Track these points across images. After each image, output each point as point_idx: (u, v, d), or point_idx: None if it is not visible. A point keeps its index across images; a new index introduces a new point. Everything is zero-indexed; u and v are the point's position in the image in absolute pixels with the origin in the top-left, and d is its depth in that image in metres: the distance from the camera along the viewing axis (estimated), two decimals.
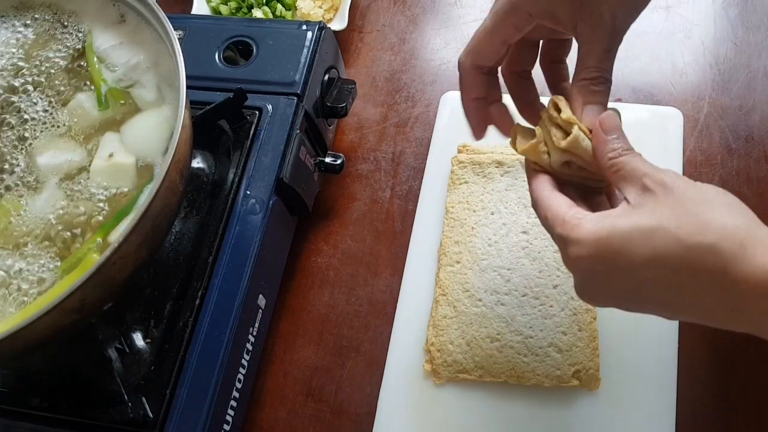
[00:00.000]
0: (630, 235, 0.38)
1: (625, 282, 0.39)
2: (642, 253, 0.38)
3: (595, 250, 0.39)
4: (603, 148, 0.43)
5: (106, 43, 0.59)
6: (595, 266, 0.40)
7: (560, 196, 0.44)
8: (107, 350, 0.56)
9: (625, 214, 0.40)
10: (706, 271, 0.36)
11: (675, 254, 0.37)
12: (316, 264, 0.71)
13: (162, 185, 0.47)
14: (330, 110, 0.71)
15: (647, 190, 0.40)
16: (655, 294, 0.39)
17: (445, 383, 0.60)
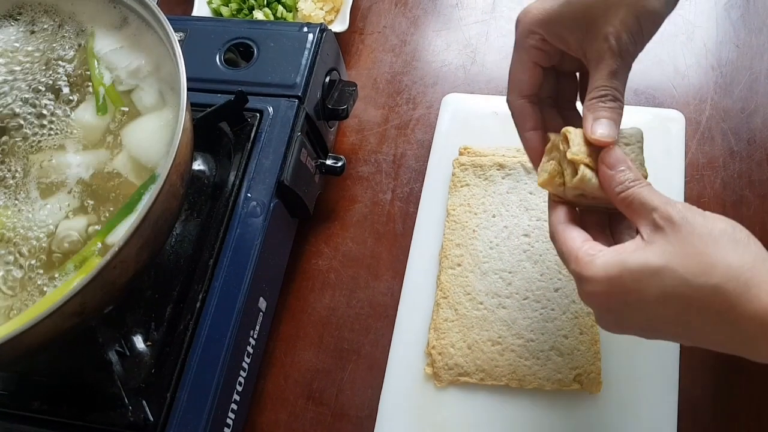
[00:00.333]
0: (640, 275, 0.40)
1: (637, 316, 0.41)
2: (651, 292, 0.39)
3: (607, 288, 0.41)
4: (610, 184, 0.44)
5: (107, 47, 0.59)
6: (608, 302, 0.42)
7: (574, 230, 0.45)
8: (107, 353, 0.55)
9: (637, 251, 0.41)
10: (713, 310, 0.38)
11: (682, 294, 0.39)
12: (317, 266, 0.71)
13: (163, 189, 0.47)
14: (331, 112, 0.71)
15: (657, 227, 0.41)
16: (666, 328, 0.41)
17: (446, 386, 0.60)
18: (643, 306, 0.40)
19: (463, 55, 0.81)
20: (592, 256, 0.42)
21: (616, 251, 0.42)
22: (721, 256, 0.38)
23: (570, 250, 0.44)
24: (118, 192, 0.53)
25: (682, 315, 0.39)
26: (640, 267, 0.40)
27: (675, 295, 0.39)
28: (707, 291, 0.38)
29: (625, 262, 0.40)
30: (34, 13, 0.62)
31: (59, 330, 0.46)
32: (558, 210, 0.47)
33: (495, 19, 0.83)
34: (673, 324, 0.40)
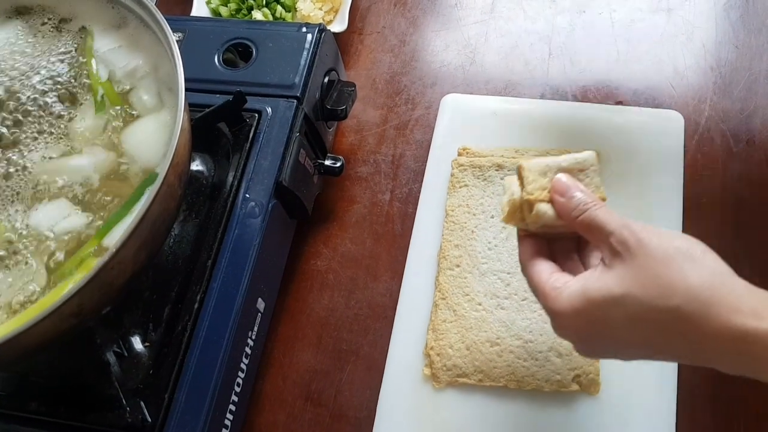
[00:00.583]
0: (603, 304, 0.41)
1: (608, 343, 0.43)
2: (617, 320, 0.41)
3: (575, 320, 0.43)
4: (566, 210, 0.45)
5: (106, 46, 0.59)
6: (578, 333, 0.44)
7: (541, 264, 0.46)
8: (105, 354, 0.55)
9: (599, 279, 0.42)
10: (677, 331, 0.39)
11: (646, 318, 0.40)
12: (316, 267, 0.71)
13: (161, 190, 0.47)
14: (330, 113, 0.71)
15: (615, 252, 0.42)
16: (638, 350, 0.43)
17: (445, 387, 0.60)
18: (612, 333, 0.42)
19: (462, 55, 0.81)
20: (558, 290, 0.43)
21: (580, 281, 0.43)
22: (679, 277, 0.39)
23: (537, 284, 0.45)
24: (118, 193, 0.53)
25: (649, 338, 0.41)
26: (603, 297, 0.41)
27: (639, 320, 0.40)
28: (669, 314, 0.39)
29: (588, 293, 0.42)
30: (33, 13, 0.61)
31: (57, 331, 0.46)
32: (525, 244, 0.48)
33: (494, 20, 0.83)
34: (644, 346, 0.42)
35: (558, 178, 0.46)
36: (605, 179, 0.66)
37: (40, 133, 0.56)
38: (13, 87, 0.58)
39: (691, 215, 0.66)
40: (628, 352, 0.43)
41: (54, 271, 0.50)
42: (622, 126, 0.70)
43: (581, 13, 0.81)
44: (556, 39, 0.80)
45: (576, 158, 0.47)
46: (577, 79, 0.77)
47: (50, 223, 0.52)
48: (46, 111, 0.57)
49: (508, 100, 0.75)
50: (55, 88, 0.58)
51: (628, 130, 0.69)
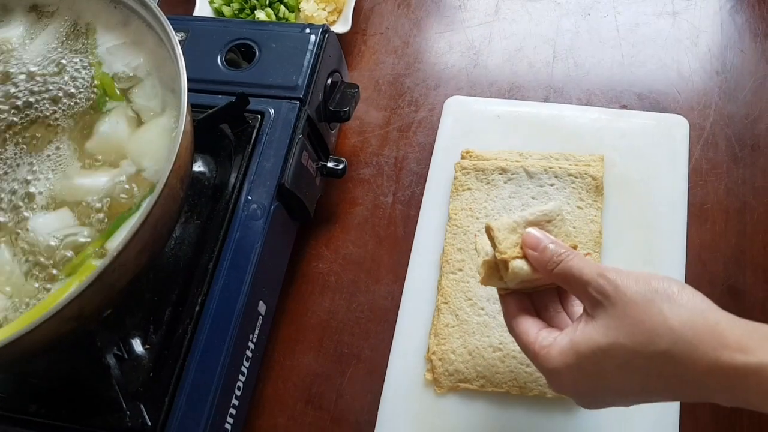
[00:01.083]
0: (593, 356, 0.41)
1: (607, 392, 0.43)
2: (610, 370, 0.41)
3: (570, 376, 0.43)
4: (541, 264, 0.45)
5: (109, 43, 0.59)
6: (576, 388, 0.44)
7: (526, 322, 0.46)
8: (106, 357, 0.55)
9: (585, 331, 0.42)
10: (670, 374, 0.39)
11: (638, 366, 0.40)
12: (317, 269, 0.70)
13: (162, 192, 0.46)
14: (333, 114, 0.70)
15: (594, 300, 0.42)
16: (637, 395, 0.42)
17: (447, 393, 0.60)
18: (608, 383, 0.42)
19: (465, 57, 0.81)
20: (547, 348, 0.44)
21: (567, 336, 0.43)
22: (660, 320, 0.39)
23: (526, 345, 0.45)
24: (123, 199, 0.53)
25: (645, 383, 0.41)
26: (592, 350, 0.41)
27: (631, 368, 0.40)
28: (659, 358, 0.39)
29: (577, 347, 0.42)
30: (36, 13, 0.61)
31: (57, 334, 0.46)
32: (507, 303, 0.48)
33: (498, 21, 0.82)
34: (641, 392, 0.42)
35: (528, 232, 0.46)
36: (610, 184, 0.66)
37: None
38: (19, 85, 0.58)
39: (696, 220, 0.66)
40: (629, 399, 0.43)
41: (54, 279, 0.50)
42: (627, 130, 0.69)
43: (586, 16, 0.81)
44: (560, 42, 0.80)
45: (542, 210, 0.48)
46: (582, 82, 0.77)
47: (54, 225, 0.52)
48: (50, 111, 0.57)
49: (512, 102, 0.74)
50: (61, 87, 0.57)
51: (633, 134, 0.69)
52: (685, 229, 0.64)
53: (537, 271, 0.45)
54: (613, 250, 0.64)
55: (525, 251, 0.46)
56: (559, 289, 0.48)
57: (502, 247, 0.46)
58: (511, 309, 0.48)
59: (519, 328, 0.46)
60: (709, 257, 0.65)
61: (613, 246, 0.64)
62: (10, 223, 0.53)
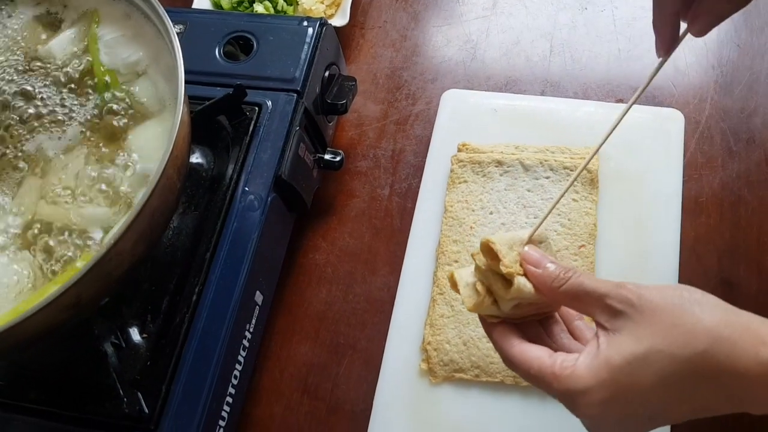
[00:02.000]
0: (630, 368, 0.38)
1: (640, 409, 0.39)
2: (647, 380, 0.38)
3: (605, 394, 0.39)
4: (545, 282, 0.42)
5: (108, 35, 0.59)
6: (608, 408, 0.39)
7: (534, 348, 0.42)
8: (103, 345, 0.56)
9: (611, 345, 0.39)
10: (709, 376, 0.37)
11: (676, 371, 0.38)
12: (314, 261, 0.71)
13: (159, 182, 0.47)
14: (330, 107, 0.71)
15: (616, 311, 0.40)
16: (670, 410, 0.39)
17: (441, 382, 0.60)
18: (644, 397, 0.39)
19: (463, 51, 0.81)
20: (572, 368, 0.40)
21: (591, 354, 0.40)
22: (695, 320, 0.38)
23: (543, 370, 0.41)
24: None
25: (682, 392, 0.38)
26: (627, 359, 0.38)
27: (670, 375, 0.38)
28: (698, 359, 0.37)
29: (609, 360, 0.39)
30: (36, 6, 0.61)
31: (55, 322, 0.46)
32: (505, 333, 0.44)
33: (496, 16, 0.83)
34: (676, 404, 0.39)
35: (527, 250, 0.43)
36: (605, 177, 0.67)
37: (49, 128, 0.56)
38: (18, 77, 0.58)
39: (690, 213, 0.67)
40: (663, 416, 0.40)
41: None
42: (622, 123, 0.69)
43: (583, 10, 0.81)
44: (557, 36, 0.80)
45: (534, 230, 0.45)
46: (578, 76, 0.77)
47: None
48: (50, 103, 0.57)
49: (509, 96, 0.75)
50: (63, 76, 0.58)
51: (628, 127, 0.68)
52: (680, 222, 0.65)
53: (538, 290, 0.42)
54: (608, 243, 0.64)
55: (527, 268, 0.43)
56: (542, 322, 0.46)
57: (507, 261, 0.42)
58: (512, 338, 0.43)
59: (527, 355, 0.42)
60: (704, 250, 0.65)
61: (607, 238, 0.64)
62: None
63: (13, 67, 0.59)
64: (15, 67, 0.59)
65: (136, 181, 0.53)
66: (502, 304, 0.43)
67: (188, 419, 0.54)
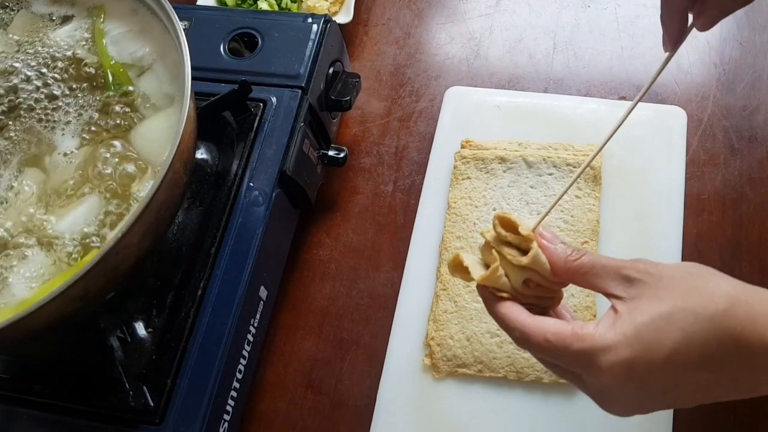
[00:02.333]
0: (655, 325, 0.38)
1: (662, 373, 0.39)
2: (672, 338, 0.38)
3: (630, 350, 0.38)
4: (560, 256, 0.43)
5: (115, 30, 0.59)
6: (630, 370, 0.39)
7: (547, 318, 0.42)
8: (109, 339, 0.56)
9: (634, 308, 0.39)
10: (730, 336, 0.38)
11: (700, 329, 0.38)
12: (318, 257, 0.71)
13: (166, 177, 0.47)
14: (334, 103, 0.71)
15: (633, 280, 0.40)
16: (690, 378, 0.39)
17: (445, 377, 0.61)
18: (668, 357, 0.38)
19: (466, 48, 0.81)
20: (591, 329, 0.39)
21: (611, 318, 0.40)
22: (713, 286, 0.39)
23: (562, 332, 0.40)
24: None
25: (703, 353, 0.38)
26: (652, 317, 0.38)
27: (695, 333, 0.38)
28: (721, 319, 0.38)
29: (634, 319, 0.39)
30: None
31: (62, 314, 0.46)
32: (515, 306, 0.43)
33: (499, 13, 0.83)
34: (696, 369, 0.39)
35: (541, 230, 0.44)
36: (608, 174, 0.67)
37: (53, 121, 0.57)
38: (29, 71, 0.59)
39: (692, 210, 0.67)
40: (680, 390, 0.40)
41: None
42: (625, 121, 0.70)
43: (586, 8, 0.81)
44: (560, 33, 0.80)
45: (541, 219, 0.46)
46: (581, 73, 0.77)
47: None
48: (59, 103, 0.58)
49: (512, 93, 0.75)
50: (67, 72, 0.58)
51: (631, 125, 0.69)
52: (682, 219, 0.65)
53: (552, 262, 0.43)
54: (611, 240, 0.64)
55: (541, 242, 0.43)
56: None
57: (523, 228, 0.43)
58: (519, 310, 0.43)
59: (542, 323, 0.41)
60: (706, 247, 0.66)
61: (610, 235, 0.65)
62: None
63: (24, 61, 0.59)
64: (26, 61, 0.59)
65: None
66: (512, 276, 0.43)
67: (193, 413, 0.54)
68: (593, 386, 0.41)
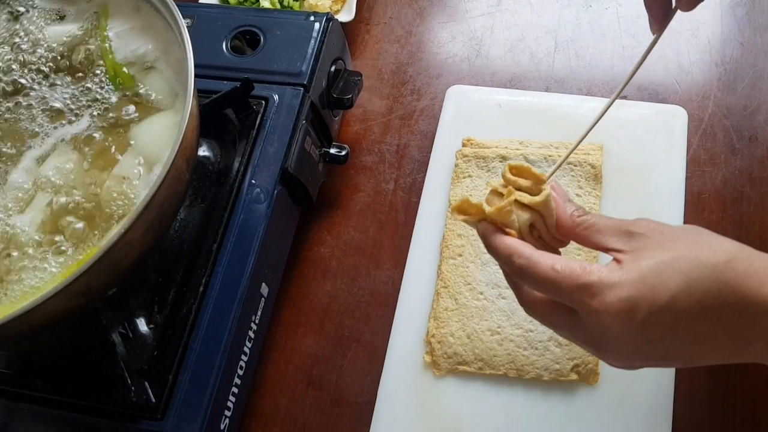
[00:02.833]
0: (659, 269, 0.39)
1: (662, 317, 0.39)
2: (675, 281, 0.39)
3: (634, 289, 0.39)
4: (566, 211, 0.44)
5: (118, 27, 0.59)
6: (635, 306, 0.39)
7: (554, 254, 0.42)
8: (111, 335, 0.56)
9: (638, 257, 0.40)
10: (730, 287, 0.39)
11: (702, 276, 0.39)
12: (319, 254, 0.71)
13: (169, 172, 0.47)
14: (336, 101, 0.71)
15: (635, 234, 0.41)
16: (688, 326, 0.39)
17: (445, 375, 0.61)
18: (670, 301, 0.38)
19: (468, 47, 0.81)
20: (600, 267, 0.40)
21: (615, 266, 0.40)
22: (715, 240, 0.40)
23: (572, 265, 0.40)
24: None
25: (704, 301, 0.39)
26: (656, 262, 0.39)
27: (697, 280, 0.38)
28: (721, 269, 0.39)
29: (639, 264, 0.39)
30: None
31: (65, 310, 0.47)
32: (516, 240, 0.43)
33: (501, 12, 0.83)
34: (694, 320, 0.39)
35: (553, 182, 0.45)
36: (609, 173, 0.67)
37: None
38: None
39: (693, 209, 0.67)
40: (679, 345, 0.40)
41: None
42: (626, 120, 0.70)
43: (587, 8, 0.82)
44: (562, 33, 0.80)
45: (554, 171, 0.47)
46: (582, 73, 0.77)
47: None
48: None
49: (513, 92, 0.75)
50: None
51: (632, 124, 0.70)
52: (683, 219, 0.65)
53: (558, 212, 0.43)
54: None
55: (553, 196, 0.44)
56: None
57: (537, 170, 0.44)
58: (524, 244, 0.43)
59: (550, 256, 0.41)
60: None
61: None
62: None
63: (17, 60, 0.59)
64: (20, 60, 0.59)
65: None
66: (521, 214, 0.43)
67: (195, 409, 0.54)
68: (592, 329, 0.41)
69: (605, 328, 0.40)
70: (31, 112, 0.57)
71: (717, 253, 0.39)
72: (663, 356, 0.41)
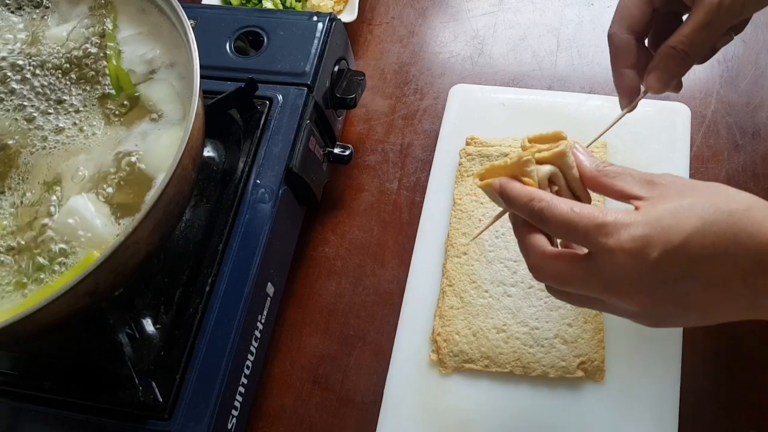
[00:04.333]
0: (675, 210, 0.40)
1: (676, 257, 0.39)
2: (691, 223, 0.39)
3: (649, 228, 0.39)
4: (589, 163, 0.45)
5: (125, 32, 0.60)
6: (649, 244, 0.39)
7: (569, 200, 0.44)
8: (118, 335, 0.56)
9: (656, 202, 0.41)
10: (747, 233, 0.39)
11: (719, 220, 0.39)
12: (324, 254, 0.71)
13: (175, 172, 0.47)
14: (339, 101, 0.71)
15: (657, 183, 0.43)
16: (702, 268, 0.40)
17: (451, 373, 0.61)
18: (684, 242, 0.39)
19: (470, 46, 0.82)
20: (616, 211, 0.41)
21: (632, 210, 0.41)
22: (732, 191, 0.41)
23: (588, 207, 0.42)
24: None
25: (718, 245, 0.39)
26: (673, 204, 0.40)
27: (713, 222, 0.39)
28: (739, 215, 0.39)
29: (655, 206, 0.41)
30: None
31: (72, 309, 0.47)
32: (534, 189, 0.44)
33: (503, 11, 0.83)
34: (708, 264, 0.39)
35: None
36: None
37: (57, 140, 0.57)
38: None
39: None
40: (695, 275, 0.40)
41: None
42: (629, 117, 0.70)
43: (589, 6, 0.82)
44: (564, 31, 0.81)
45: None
46: (585, 71, 0.78)
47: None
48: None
49: (516, 90, 0.75)
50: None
51: (635, 122, 0.70)
52: None
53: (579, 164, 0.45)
54: None
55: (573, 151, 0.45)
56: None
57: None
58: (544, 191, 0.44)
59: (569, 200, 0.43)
60: None
61: None
62: None
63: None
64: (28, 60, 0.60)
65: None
66: (540, 169, 0.44)
67: (202, 408, 0.54)
68: (606, 270, 0.41)
69: (619, 266, 0.40)
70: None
71: (736, 200, 0.40)
72: (678, 300, 0.41)
